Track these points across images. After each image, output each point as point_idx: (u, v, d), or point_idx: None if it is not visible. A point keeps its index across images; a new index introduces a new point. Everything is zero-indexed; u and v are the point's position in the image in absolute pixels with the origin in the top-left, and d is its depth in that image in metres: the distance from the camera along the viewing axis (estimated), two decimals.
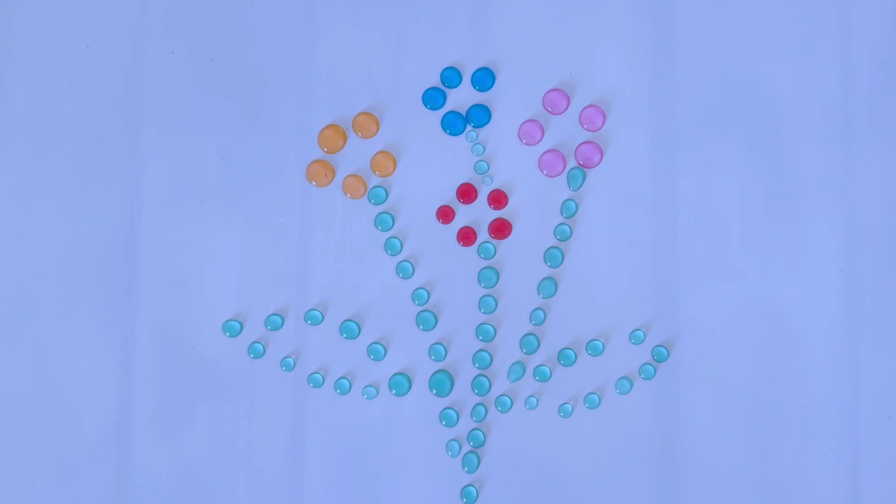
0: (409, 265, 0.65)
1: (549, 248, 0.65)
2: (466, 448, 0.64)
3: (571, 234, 0.65)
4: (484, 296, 0.65)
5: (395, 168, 0.65)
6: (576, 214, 0.65)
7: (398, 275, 0.65)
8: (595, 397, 0.64)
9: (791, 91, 0.66)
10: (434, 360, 0.65)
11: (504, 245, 0.65)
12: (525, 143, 0.66)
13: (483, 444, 0.64)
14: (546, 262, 0.65)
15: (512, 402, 0.64)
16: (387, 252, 0.65)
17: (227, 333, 0.65)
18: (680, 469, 0.63)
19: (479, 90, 0.66)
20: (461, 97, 0.66)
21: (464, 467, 0.64)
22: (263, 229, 0.65)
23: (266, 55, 0.66)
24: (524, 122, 0.66)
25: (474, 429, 0.64)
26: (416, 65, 0.66)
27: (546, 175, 0.66)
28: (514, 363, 0.65)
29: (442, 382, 0.64)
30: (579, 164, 0.65)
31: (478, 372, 0.65)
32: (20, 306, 0.65)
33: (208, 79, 0.66)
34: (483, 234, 0.65)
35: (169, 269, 0.65)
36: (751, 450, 0.64)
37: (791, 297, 0.64)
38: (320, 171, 0.65)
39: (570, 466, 0.63)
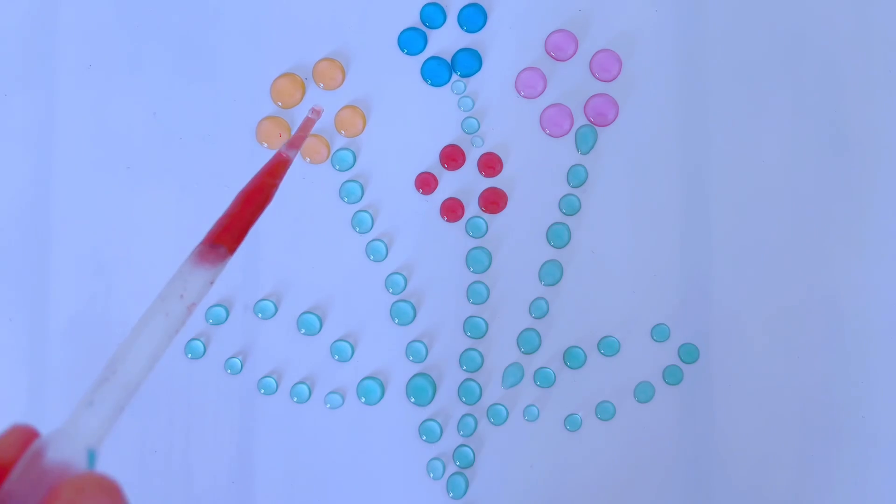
0: (382, 245, 0.63)
1: (552, 225, 0.63)
2: (452, 468, 0.62)
3: (580, 207, 0.63)
4: (473, 283, 0.63)
5: (364, 126, 0.64)
6: (586, 183, 0.64)
7: (369, 257, 0.63)
8: (609, 406, 0.62)
9: (848, 33, 0.64)
10: (413, 361, 0.63)
11: (498, 220, 0.64)
12: (524, 96, 0.64)
13: (472, 463, 0.62)
14: (549, 242, 0.63)
15: (508, 413, 0.63)
16: (355, 229, 0.64)
17: None
18: (712, 493, 0.62)
19: (468, 31, 0.64)
20: (446, 39, 0.65)
21: (449, 492, 0.62)
22: (204, 200, 0.63)
23: None
24: (522, 71, 0.64)
25: (462, 445, 0.62)
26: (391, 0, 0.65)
27: (549, 135, 0.64)
28: (510, 365, 0.63)
29: (422, 389, 0.63)
30: (590, 121, 0.64)
31: (466, 375, 0.63)
32: None
33: (135, 16, 0.65)
34: (472, 208, 0.64)
35: (88, 248, 0.63)
36: (798, 470, 0.62)
37: (848, 289, 0.63)
38: (273, 130, 0.64)
39: (578, 490, 0.62)
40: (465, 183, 0.64)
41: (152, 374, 0.59)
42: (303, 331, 0.63)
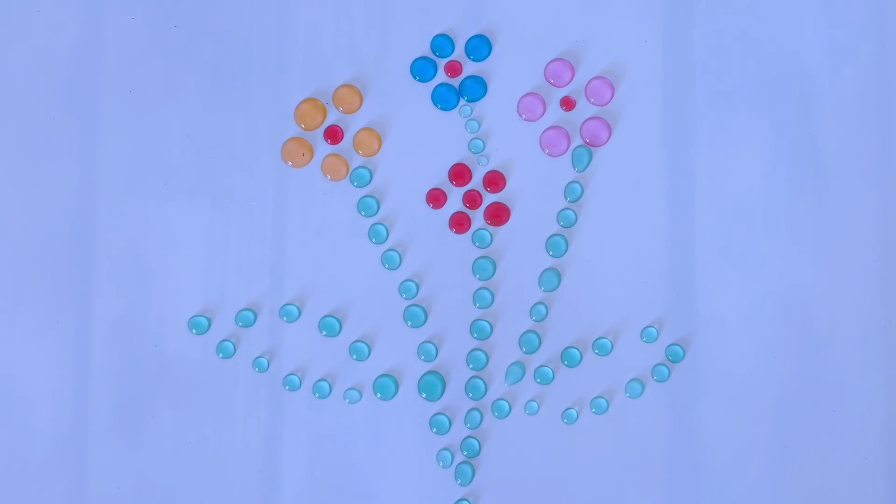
0: (395, 255, 0.64)
1: (551, 236, 0.63)
2: (460, 458, 0.63)
3: (576, 219, 0.63)
4: (479, 289, 0.63)
5: (380, 146, 0.64)
6: (581, 198, 0.64)
7: (384, 265, 0.64)
8: (603, 401, 0.63)
9: (822, 61, 0.64)
10: (424, 360, 0.63)
11: (501, 232, 0.64)
12: (525, 119, 0.64)
13: (478, 453, 0.63)
14: (548, 252, 0.63)
15: (510, 407, 0.63)
16: (371, 240, 0.64)
17: (194, 330, 0.63)
18: (697, 481, 0.62)
19: (474, 60, 0.64)
20: (455, 68, 0.64)
21: (457, 479, 0.62)
22: (234, 215, 0.64)
23: (237, 20, 0.64)
24: (524, 96, 0.64)
25: (468, 436, 0.63)
26: (404, 31, 0.64)
27: (548, 154, 0.64)
28: (512, 364, 0.63)
29: (432, 385, 0.63)
30: (585, 142, 0.64)
31: (472, 373, 0.63)
32: None
33: (172, 47, 0.64)
34: (478, 221, 0.64)
35: (128, 259, 0.63)
36: (775, 461, 0.63)
37: (821, 291, 0.63)
38: (297, 150, 0.64)
39: (574, 478, 0.63)
40: (472, 198, 0.63)
41: (187, 372, 0.63)
42: (324, 333, 0.63)
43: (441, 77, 0.64)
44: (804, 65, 0.64)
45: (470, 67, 0.64)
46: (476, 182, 0.64)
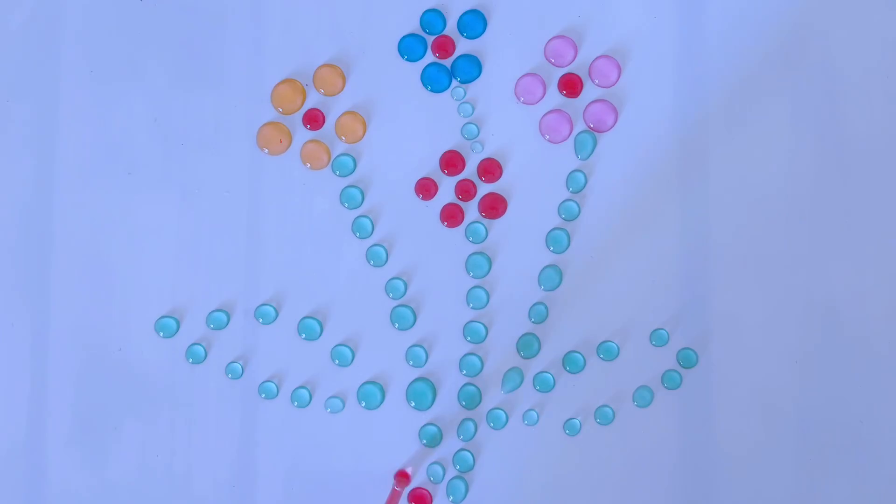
0: (382, 250, 0.63)
1: (552, 230, 0.63)
2: (452, 472, 0.62)
3: (580, 212, 0.63)
4: (473, 287, 0.63)
5: (364, 132, 0.64)
6: (585, 188, 0.63)
7: (369, 262, 0.63)
8: (608, 411, 0.62)
9: (847, 39, 0.64)
10: (413, 365, 0.63)
11: (497, 226, 0.63)
12: (523, 102, 0.64)
13: (472, 467, 0.62)
14: (549, 247, 0.63)
15: (507, 417, 0.62)
16: (355, 234, 0.63)
17: (161, 333, 0.63)
18: (711, 497, 0.62)
19: (468, 37, 0.64)
20: (445, 45, 0.64)
21: (449, 496, 0.62)
22: (205, 206, 0.63)
23: None
24: (522, 77, 0.64)
25: (461, 449, 0.62)
26: (392, 6, 0.64)
27: (549, 140, 0.64)
28: (509, 370, 0.63)
29: (422, 393, 0.62)
30: (589, 127, 0.64)
31: (466, 380, 0.63)
32: None
33: (137, 22, 0.64)
34: (472, 213, 0.63)
35: (90, 254, 0.63)
36: (798, 476, 0.62)
37: (846, 292, 0.63)
38: (274, 136, 0.64)
39: (577, 494, 0.62)
40: (465, 188, 0.63)
41: (154, 379, 0.64)
42: (303, 335, 0.62)
43: (431, 56, 0.64)
44: (829, 43, 0.64)
45: (463, 45, 0.64)
46: (470, 171, 0.64)
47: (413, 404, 0.62)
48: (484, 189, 0.63)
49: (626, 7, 0.64)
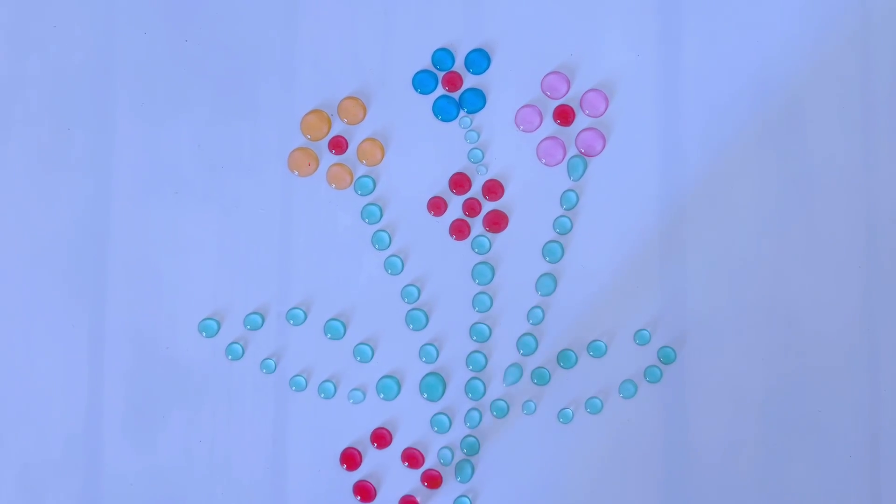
0: (398, 260, 0.64)
1: (547, 242, 0.64)
2: (460, 456, 0.63)
3: (572, 227, 0.64)
4: (478, 293, 0.64)
5: (383, 156, 0.64)
6: (576, 206, 0.64)
7: (386, 271, 0.64)
8: (597, 402, 0.63)
9: (807, 75, 0.64)
10: (425, 361, 0.63)
11: (500, 239, 0.64)
12: (522, 130, 0.64)
13: (477, 451, 0.63)
14: (545, 257, 0.64)
15: (508, 407, 0.63)
16: (374, 246, 0.64)
17: (204, 333, 0.64)
18: (688, 479, 0.62)
19: (474, 73, 0.65)
20: (454, 80, 0.65)
21: (457, 476, 0.62)
22: (242, 221, 0.64)
23: (246, 35, 0.65)
24: (521, 108, 0.64)
25: (468, 435, 0.63)
26: (406, 46, 0.65)
27: (545, 164, 0.64)
28: (510, 365, 0.63)
29: (433, 386, 0.63)
30: (580, 152, 0.64)
31: (472, 374, 0.63)
32: None
33: (183, 60, 0.65)
34: (477, 228, 0.64)
35: (141, 264, 0.64)
36: (763, 459, 0.63)
37: (807, 296, 0.63)
38: (303, 160, 0.64)
39: (570, 475, 0.62)
40: (471, 206, 0.63)
41: (197, 374, 0.63)
42: (329, 335, 0.63)
43: (441, 89, 0.64)
44: (790, 77, 0.64)
45: (469, 80, 0.65)
46: (475, 190, 0.64)
47: (426, 396, 0.63)
48: (488, 206, 0.63)
49: (612, 46, 0.64)
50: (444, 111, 0.64)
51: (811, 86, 0.64)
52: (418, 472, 0.62)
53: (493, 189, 0.64)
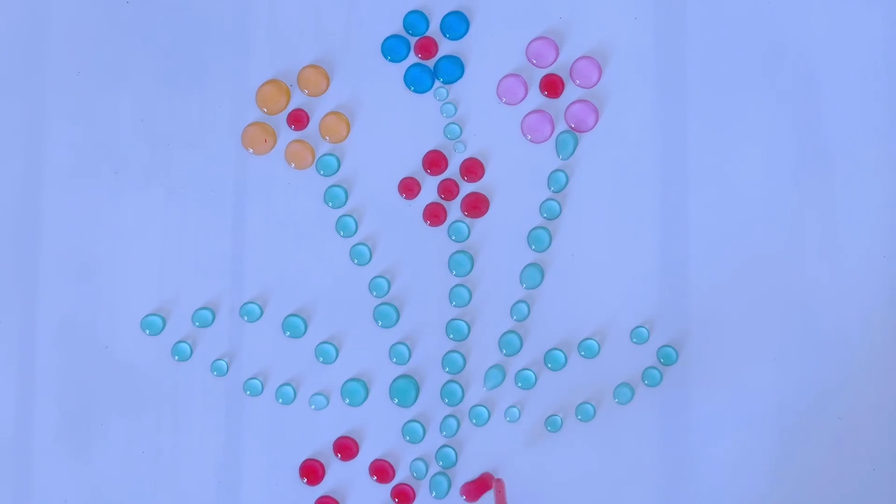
0: (365, 249, 0.63)
1: (533, 229, 0.63)
2: (435, 469, 0.62)
3: (561, 211, 0.63)
4: (456, 286, 0.63)
5: (348, 132, 0.64)
6: (566, 188, 0.63)
7: (353, 260, 0.63)
8: (589, 408, 0.62)
9: (825, 40, 0.64)
10: (396, 362, 0.63)
11: (480, 225, 0.63)
12: (505, 103, 0.64)
13: (455, 463, 0.62)
14: (530, 246, 0.63)
15: (489, 414, 0.62)
16: (339, 233, 0.63)
17: (148, 331, 0.63)
18: (690, 493, 0.62)
19: (450, 38, 0.64)
20: (428, 47, 0.64)
21: (431, 492, 0.62)
22: (190, 205, 0.63)
23: None
24: (504, 77, 0.64)
25: (444, 445, 0.62)
26: (375, 8, 0.64)
27: (530, 140, 0.63)
28: (491, 367, 0.62)
29: (405, 390, 0.62)
30: (570, 127, 0.63)
31: (448, 377, 0.62)
32: None
33: (124, 24, 0.64)
34: (455, 212, 0.63)
35: (77, 253, 0.63)
36: (776, 471, 0.62)
37: (825, 288, 0.63)
38: (259, 136, 0.63)
39: (558, 490, 0.62)
40: (448, 187, 0.63)
41: (140, 376, 0.64)
42: (288, 333, 0.62)
43: (414, 57, 0.64)
44: (806, 46, 0.64)
45: (446, 46, 0.64)
46: (452, 170, 0.63)
47: (396, 401, 0.62)
48: (466, 188, 0.63)
49: (606, 9, 0.64)
50: (416, 81, 0.64)
51: (829, 51, 0.64)
52: (388, 487, 0.62)
53: (473, 169, 0.63)
